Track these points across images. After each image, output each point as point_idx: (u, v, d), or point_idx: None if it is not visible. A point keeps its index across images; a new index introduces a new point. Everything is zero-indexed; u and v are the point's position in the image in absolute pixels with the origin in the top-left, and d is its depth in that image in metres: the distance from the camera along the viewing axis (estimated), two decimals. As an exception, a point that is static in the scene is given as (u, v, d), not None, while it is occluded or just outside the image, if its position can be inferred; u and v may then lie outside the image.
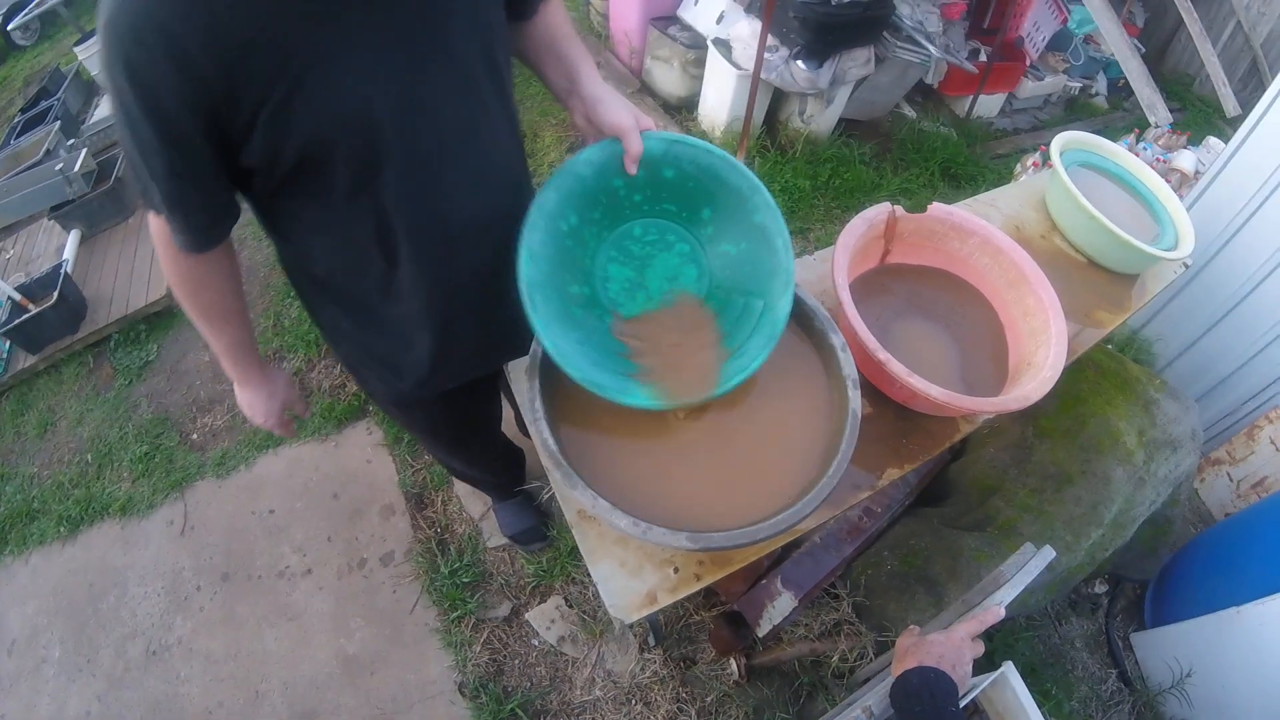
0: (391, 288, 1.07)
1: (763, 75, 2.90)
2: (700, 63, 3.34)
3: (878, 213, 1.35)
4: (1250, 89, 4.48)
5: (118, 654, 2.03)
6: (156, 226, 0.95)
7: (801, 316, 1.18)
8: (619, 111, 1.03)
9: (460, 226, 1.03)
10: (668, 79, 3.53)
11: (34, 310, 2.65)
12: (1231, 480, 2.41)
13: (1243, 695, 1.78)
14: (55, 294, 2.66)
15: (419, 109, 0.89)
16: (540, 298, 1.02)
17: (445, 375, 1.27)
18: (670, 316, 1.16)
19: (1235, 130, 2.23)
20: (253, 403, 1.28)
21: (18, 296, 2.71)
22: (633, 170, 1.05)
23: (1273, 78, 2.12)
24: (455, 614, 2.01)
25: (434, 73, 0.88)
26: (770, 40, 2.87)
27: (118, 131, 0.83)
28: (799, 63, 2.91)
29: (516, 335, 1.14)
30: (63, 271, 2.77)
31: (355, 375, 1.37)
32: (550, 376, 1.08)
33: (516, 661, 1.97)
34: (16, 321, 2.63)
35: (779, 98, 3.33)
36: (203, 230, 0.95)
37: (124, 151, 0.87)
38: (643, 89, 3.63)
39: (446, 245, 1.04)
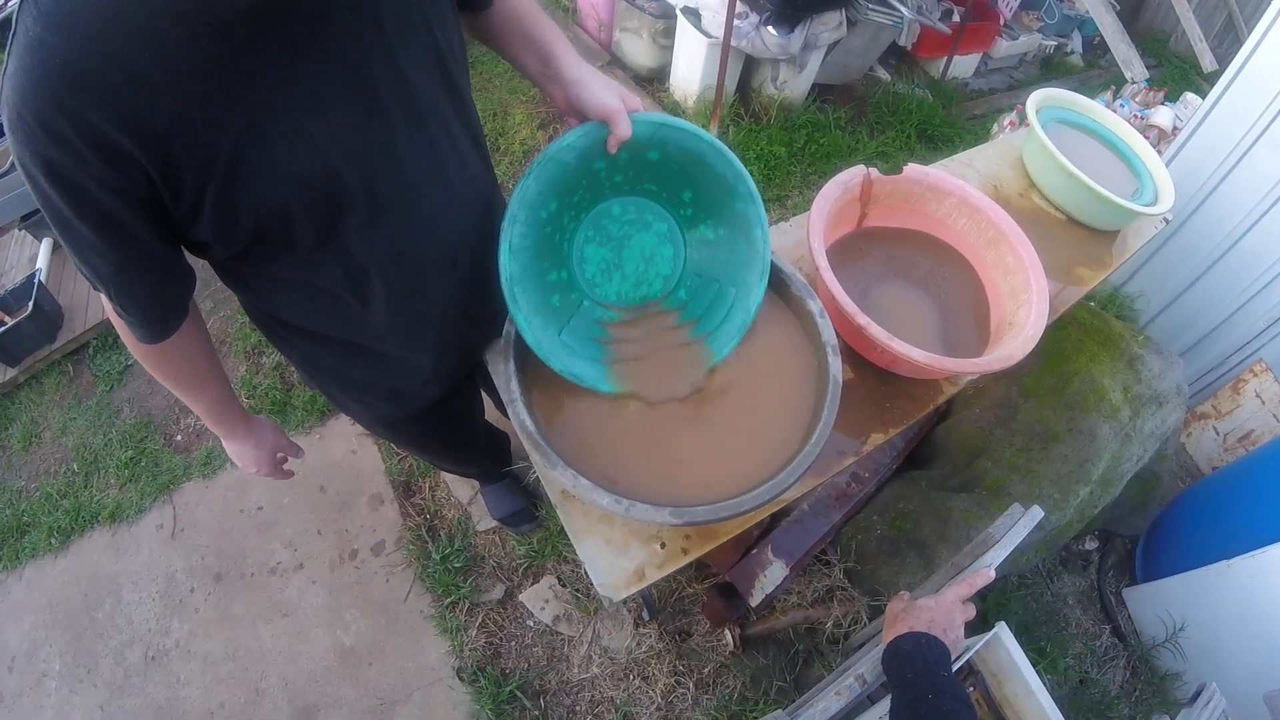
0: (368, 326, 1.03)
1: (733, 43, 2.86)
2: (670, 33, 3.30)
3: (852, 176, 1.34)
4: (1227, 44, 4.47)
5: (117, 662, 2.02)
6: (111, 310, 0.89)
7: (778, 283, 1.17)
8: (605, 94, 0.98)
9: (433, 256, 0.99)
10: (637, 50, 3.49)
11: (10, 322, 2.60)
12: (1218, 434, 2.42)
13: (1235, 647, 1.80)
14: (30, 304, 2.61)
15: (380, 152, 0.82)
16: (520, 290, 1.02)
17: (439, 385, 1.25)
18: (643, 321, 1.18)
19: (1212, 86, 2.23)
20: (241, 454, 1.25)
21: (-8, 310, 2.66)
22: (614, 150, 1.00)
23: (1248, 32, 2.11)
24: (449, 599, 2.01)
25: (391, 110, 0.81)
26: (740, 7, 2.82)
27: (52, 228, 0.74)
28: (769, 28, 2.88)
29: (498, 322, 1.13)
30: (36, 281, 2.71)
31: (334, 402, 1.32)
32: (525, 357, 1.07)
33: (513, 643, 1.98)
34: (-7, 335, 2.58)
35: (751, 65, 3.29)
36: (160, 320, 0.91)
37: (63, 248, 0.77)
38: (612, 62, 3.58)
39: (420, 277, 1.00)
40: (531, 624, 2.00)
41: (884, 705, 1.19)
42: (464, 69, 0.95)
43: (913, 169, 1.39)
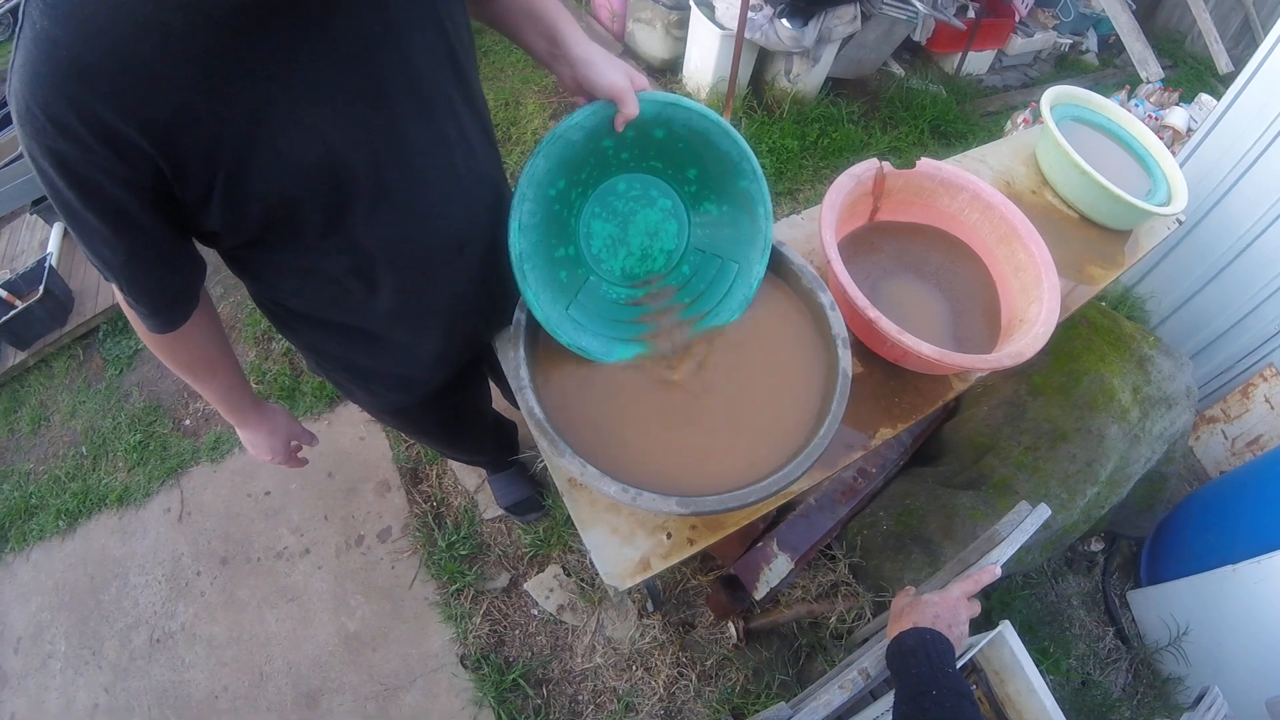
0: (374, 313, 1.03)
1: (747, 35, 2.85)
2: (683, 24, 3.30)
3: (865, 169, 1.33)
4: (1243, 46, 4.43)
5: (122, 644, 2.03)
6: (121, 300, 0.90)
7: (789, 275, 1.17)
8: (613, 73, 0.97)
9: (440, 244, 0.99)
10: (651, 41, 3.49)
11: (21, 306, 2.62)
12: (1226, 438, 2.41)
13: (1238, 652, 1.79)
14: (41, 288, 2.63)
15: (385, 140, 0.82)
16: (529, 267, 1.03)
17: (445, 372, 1.25)
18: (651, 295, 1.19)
19: (1227, 87, 2.21)
20: (255, 442, 1.25)
21: (4, 293, 2.67)
22: (622, 129, 1.00)
23: (1265, 34, 2.09)
24: (454, 587, 2.02)
25: (397, 99, 0.81)
26: (754, -1, 2.82)
27: (63, 219, 0.75)
28: (783, 21, 2.87)
29: (505, 309, 1.13)
30: (47, 265, 2.73)
31: (341, 389, 1.32)
32: (535, 344, 1.07)
33: (517, 632, 1.98)
34: (4, 318, 2.59)
35: (764, 57, 3.29)
36: (169, 309, 0.91)
37: (73, 239, 0.79)
38: (626, 52, 3.59)
39: (427, 265, 1.00)
40: (536, 613, 2.00)
41: (887, 700, 1.19)
42: (472, 57, 0.94)
43: (925, 164, 1.39)
